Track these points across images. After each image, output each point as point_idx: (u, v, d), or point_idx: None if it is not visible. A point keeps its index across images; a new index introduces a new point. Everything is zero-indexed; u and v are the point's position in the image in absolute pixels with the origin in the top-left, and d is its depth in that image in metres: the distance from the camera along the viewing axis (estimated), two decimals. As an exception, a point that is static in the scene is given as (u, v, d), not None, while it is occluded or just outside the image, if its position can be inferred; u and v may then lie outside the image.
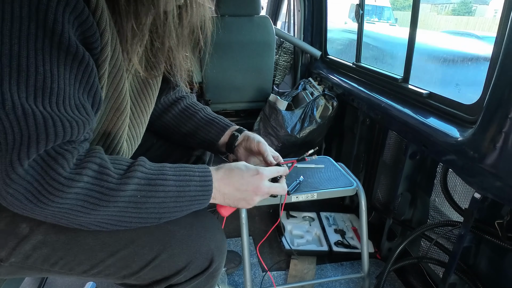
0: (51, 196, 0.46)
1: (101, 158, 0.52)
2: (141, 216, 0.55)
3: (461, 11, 6.40)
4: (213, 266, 0.68)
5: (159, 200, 0.55)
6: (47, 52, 0.44)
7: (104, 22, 0.50)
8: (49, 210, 0.48)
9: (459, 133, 1.02)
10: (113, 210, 0.52)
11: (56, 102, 0.46)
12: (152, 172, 0.56)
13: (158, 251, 0.63)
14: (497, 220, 0.95)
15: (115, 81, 0.58)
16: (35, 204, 0.46)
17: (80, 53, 0.47)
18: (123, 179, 0.52)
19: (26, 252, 0.59)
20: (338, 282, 1.37)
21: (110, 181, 0.51)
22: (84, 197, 0.49)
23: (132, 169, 0.54)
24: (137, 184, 0.53)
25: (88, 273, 0.63)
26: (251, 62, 1.96)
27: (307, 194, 1.06)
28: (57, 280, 1.32)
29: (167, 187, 0.56)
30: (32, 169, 0.45)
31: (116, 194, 0.51)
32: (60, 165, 0.47)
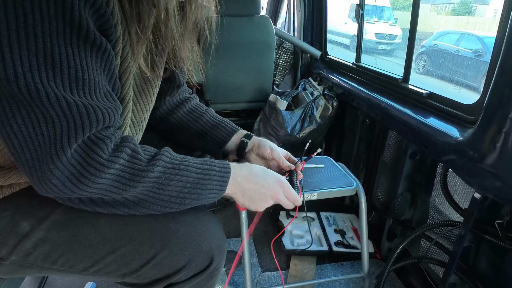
0: (92, 176, 0.51)
1: (134, 144, 0.57)
2: (163, 198, 0.59)
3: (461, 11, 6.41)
4: (213, 265, 0.68)
5: (181, 184, 0.60)
6: (75, 46, 0.48)
7: (116, 17, 0.53)
8: (87, 190, 0.52)
9: (459, 133, 1.02)
10: (142, 189, 0.57)
11: (89, 92, 0.51)
12: (177, 159, 0.61)
13: (159, 249, 0.63)
14: (497, 220, 0.95)
15: (123, 77, 0.60)
16: (76, 185, 0.51)
17: (103, 44, 0.51)
18: (152, 161, 0.57)
19: (26, 250, 0.60)
20: (338, 282, 1.37)
21: (140, 164, 0.56)
22: (118, 177, 0.54)
23: (159, 154, 0.59)
24: (163, 167, 0.58)
25: (89, 270, 0.63)
26: (251, 62, 1.96)
27: (307, 194, 1.06)
28: (57, 280, 1.32)
29: (189, 172, 0.61)
30: (76, 153, 0.50)
31: (145, 174, 0.56)
32: (101, 149, 0.52)
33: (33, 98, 0.46)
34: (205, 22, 0.71)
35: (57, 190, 0.51)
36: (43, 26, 0.45)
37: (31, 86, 0.46)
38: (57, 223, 0.60)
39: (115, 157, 0.53)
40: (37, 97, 0.46)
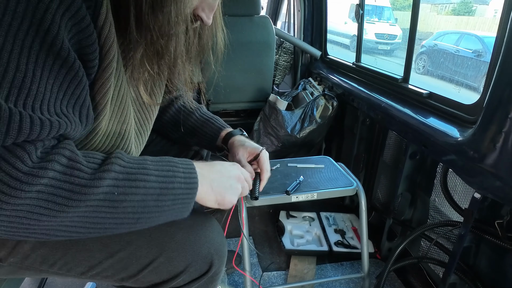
0: (6, 197, 0.39)
1: (71, 150, 0.45)
2: (117, 217, 0.48)
3: (461, 11, 6.41)
4: (213, 270, 0.67)
5: (138, 198, 0.49)
6: (35, 51, 0.40)
7: (112, 38, 0.48)
8: (1, 215, 0.40)
9: (459, 133, 1.02)
10: (85, 210, 0.45)
11: (32, 104, 0.41)
12: (132, 166, 0.50)
13: (156, 254, 0.62)
14: (497, 220, 0.95)
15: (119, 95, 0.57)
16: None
17: (70, 60, 0.43)
18: (98, 173, 0.46)
19: (25, 252, 0.59)
20: (338, 282, 1.37)
21: (82, 177, 0.44)
22: (49, 196, 0.42)
23: (108, 162, 0.48)
24: (114, 179, 0.47)
25: (87, 274, 0.63)
26: (251, 62, 1.96)
27: (307, 194, 1.06)
28: (57, 280, 1.32)
29: (148, 182, 0.50)
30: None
31: (89, 191, 0.44)
32: (19, 158, 0.40)
33: None
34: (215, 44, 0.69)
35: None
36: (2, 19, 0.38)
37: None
38: None
39: (40, 169, 0.41)
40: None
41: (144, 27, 0.51)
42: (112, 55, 0.50)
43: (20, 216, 0.41)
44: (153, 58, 0.57)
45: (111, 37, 0.49)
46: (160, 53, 0.56)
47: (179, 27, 0.54)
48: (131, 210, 0.49)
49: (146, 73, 0.58)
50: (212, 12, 0.60)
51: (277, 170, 1.20)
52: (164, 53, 0.57)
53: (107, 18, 0.47)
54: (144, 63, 0.56)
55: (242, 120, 2.17)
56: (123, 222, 0.50)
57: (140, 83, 0.59)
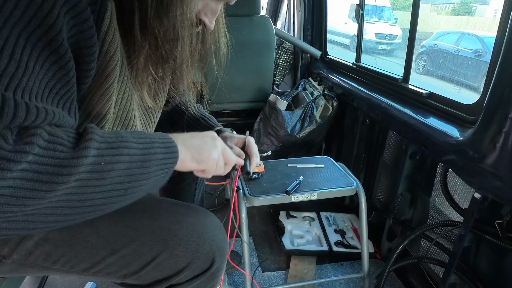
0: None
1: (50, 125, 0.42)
2: (106, 190, 0.46)
3: (461, 11, 6.41)
4: (215, 267, 0.68)
5: (124, 166, 0.47)
6: (31, 43, 0.39)
7: (116, 43, 0.48)
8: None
9: (459, 133, 1.02)
10: (73, 185, 0.42)
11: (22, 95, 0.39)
12: (109, 135, 0.48)
13: (159, 251, 0.63)
14: (497, 220, 0.95)
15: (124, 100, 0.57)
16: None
17: (65, 59, 0.42)
18: (81, 143, 0.43)
19: (28, 249, 0.60)
20: (338, 282, 1.37)
21: (66, 151, 0.42)
22: (34, 174, 0.39)
23: (87, 133, 0.45)
24: (97, 148, 0.44)
25: (89, 271, 0.63)
26: (251, 62, 1.96)
27: (307, 194, 1.06)
28: (57, 279, 1.32)
29: (131, 149, 0.48)
30: None
31: (75, 162, 0.41)
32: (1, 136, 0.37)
33: None
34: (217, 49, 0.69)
35: None
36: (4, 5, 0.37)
37: None
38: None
39: (24, 145, 0.38)
40: None
41: (149, 31, 0.51)
42: (116, 61, 0.50)
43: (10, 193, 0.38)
44: (157, 62, 0.56)
45: (115, 42, 0.49)
46: (164, 58, 0.56)
47: (184, 32, 0.54)
48: (119, 180, 0.47)
49: (150, 77, 0.58)
50: (214, 16, 0.60)
51: (277, 170, 1.20)
52: (168, 58, 0.56)
53: (112, 23, 0.47)
54: (148, 67, 0.56)
55: (242, 120, 2.16)
56: (112, 195, 0.47)
57: (144, 87, 0.59)
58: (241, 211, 1.05)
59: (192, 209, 0.70)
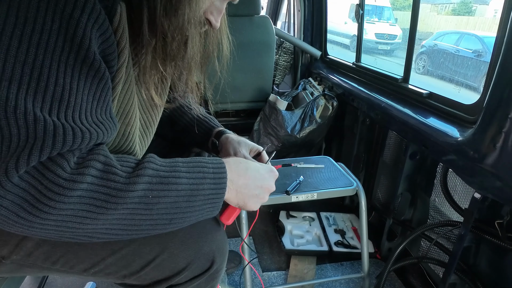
0: (52, 202, 0.42)
1: (105, 155, 0.48)
2: (152, 218, 0.51)
3: (461, 11, 6.41)
4: (214, 267, 0.67)
5: (171, 199, 0.51)
6: (70, 65, 0.43)
7: (124, 41, 0.50)
8: (50, 220, 0.43)
9: (459, 133, 1.02)
10: (122, 212, 0.47)
11: (72, 115, 0.44)
12: (164, 169, 0.52)
13: (159, 251, 0.63)
14: (497, 220, 0.95)
15: (126, 97, 0.57)
16: (33, 214, 0.42)
17: (102, 70, 0.47)
18: (132, 177, 0.48)
19: (27, 250, 0.60)
20: (338, 282, 1.37)
21: (118, 180, 0.47)
22: (89, 200, 0.45)
23: (141, 167, 0.50)
24: (148, 183, 0.49)
25: (89, 271, 0.63)
26: (251, 62, 1.96)
27: (307, 194, 1.06)
28: (57, 279, 1.32)
29: (180, 185, 0.52)
30: (28, 175, 0.42)
31: (125, 194, 0.47)
32: (59, 165, 0.43)
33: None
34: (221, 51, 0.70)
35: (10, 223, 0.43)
36: (40, 38, 0.41)
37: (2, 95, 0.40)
38: None
39: (79, 175, 0.44)
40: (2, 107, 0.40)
41: (158, 29, 0.52)
42: (123, 60, 0.51)
43: (66, 220, 0.44)
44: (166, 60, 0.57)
45: (122, 43, 0.50)
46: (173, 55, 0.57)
47: (192, 30, 0.55)
48: (165, 211, 0.51)
49: (158, 75, 0.59)
50: (220, 15, 0.61)
51: (277, 170, 1.20)
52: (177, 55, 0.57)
53: (120, 25, 0.48)
54: (157, 65, 0.56)
55: (242, 120, 2.16)
56: (157, 223, 0.52)
57: (152, 84, 0.59)
58: (241, 211, 1.05)
59: None
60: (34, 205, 0.42)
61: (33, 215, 0.42)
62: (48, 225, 0.44)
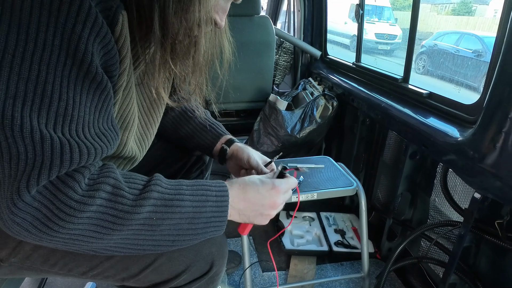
0: (62, 222, 0.44)
1: (115, 178, 0.49)
2: (155, 239, 0.52)
3: (461, 11, 6.41)
4: (214, 270, 0.67)
5: (174, 221, 0.52)
6: (73, 80, 0.44)
7: (125, 50, 0.50)
8: (59, 237, 0.45)
9: (459, 133, 1.02)
10: (127, 233, 0.49)
11: (76, 129, 0.45)
12: (169, 191, 0.53)
13: (158, 254, 0.62)
14: (497, 220, 0.95)
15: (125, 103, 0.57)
16: (44, 232, 0.44)
17: (104, 82, 0.47)
18: (139, 200, 0.49)
19: (26, 252, 0.59)
20: (338, 282, 1.37)
21: (125, 203, 0.48)
22: (97, 221, 0.46)
23: (147, 189, 0.51)
24: (153, 205, 0.50)
25: (87, 274, 0.63)
26: (251, 62, 1.96)
27: (307, 194, 1.06)
28: (57, 280, 1.32)
29: (184, 208, 0.53)
30: (40, 195, 0.43)
31: (131, 217, 0.48)
32: (71, 187, 0.44)
33: (5, 126, 0.41)
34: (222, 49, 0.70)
35: (22, 236, 0.45)
36: (43, 54, 0.42)
37: (7, 113, 0.41)
38: None
39: (89, 198, 0.45)
40: (8, 126, 0.41)
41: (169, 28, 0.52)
42: (124, 67, 0.51)
43: (73, 239, 0.46)
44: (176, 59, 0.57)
45: (124, 51, 0.50)
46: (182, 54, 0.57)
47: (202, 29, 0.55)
48: (167, 232, 0.52)
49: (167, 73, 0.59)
50: (225, 14, 0.61)
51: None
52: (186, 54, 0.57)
53: (122, 34, 0.49)
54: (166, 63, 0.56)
55: (242, 120, 2.16)
56: (160, 244, 0.53)
57: (160, 83, 0.59)
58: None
59: None
60: (45, 224, 0.44)
61: (43, 232, 0.44)
62: (56, 241, 0.46)
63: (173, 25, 0.51)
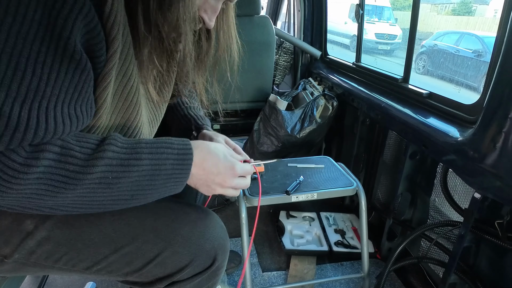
0: (8, 184, 0.44)
1: (62, 139, 0.49)
2: (113, 195, 0.52)
3: (461, 11, 6.41)
4: (216, 264, 0.68)
5: (132, 179, 0.53)
6: (50, 56, 0.43)
7: (116, 29, 0.49)
8: (9, 196, 0.46)
9: (459, 133, 1.02)
10: (82, 191, 0.49)
11: (47, 106, 0.45)
12: (125, 151, 0.53)
13: (162, 249, 0.63)
14: (497, 220, 0.95)
15: (125, 91, 0.56)
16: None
17: (83, 61, 0.46)
18: (91, 160, 0.49)
19: (30, 248, 0.60)
20: (338, 282, 1.37)
21: (76, 163, 0.48)
22: (48, 181, 0.47)
23: (101, 149, 0.50)
24: (107, 165, 0.50)
25: (91, 269, 0.64)
26: (251, 62, 1.96)
27: (307, 194, 1.06)
28: (57, 279, 1.32)
29: (141, 166, 0.53)
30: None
31: (83, 176, 0.48)
32: (13, 150, 0.44)
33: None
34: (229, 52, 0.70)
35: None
36: (21, 28, 0.41)
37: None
38: (60, 222, 0.60)
39: (34, 159, 0.45)
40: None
41: (152, 24, 0.52)
42: (116, 48, 0.50)
43: (26, 197, 0.47)
44: (162, 55, 0.57)
45: (114, 30, 0.49)
46: (169, 51, 0.57)
47: (186, 26, 0.55)
48: (126, 189, 0.53)
49: (155, 70, 0.59)
50: (214, 14, 0.61)
51: (277, 170, 1.20)
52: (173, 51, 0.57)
53: (112, 12, 0.48)
54: (153, 60, 0.56)
55: (242, 120, 2.17)
56: (119, 198, 0.54)
57: (149, 79, 0.59)
58: (241, 211, 1.05)
59: (195, 208, 0.70)
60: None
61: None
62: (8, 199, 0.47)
63: (156, 22, 0.52)
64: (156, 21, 0.52)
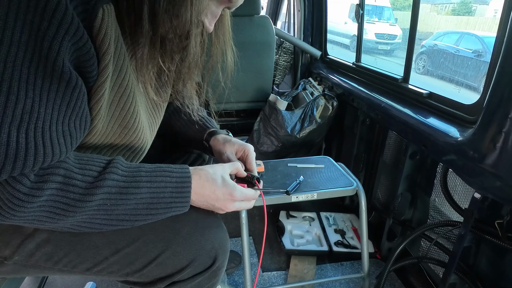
0: (12, 211, 0.47)
1: (65, 168, 0.50)
2: (112, 219, 0.55)
3: (461, 11, 6.41)
4: (216, 264, 0.68)
5: (130, 207, 0.55)
6: (40, 77, 0.44)
7: (107, 44, 0.49)
8: (14, 220, 0.49)
9: (459, 133, 1.02)
10: (82, 217, 0.52)
11: (42, 127, 0.45)
12: (125, 179, 0.55)
13: (162, 249, 0.63)
14: (497, 220, 0.95)
15: (121, 101, 0.57)
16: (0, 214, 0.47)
17: (73, 79, 0.47)
18: (91, 189, 0.51)
19: (30, 250, 0.60)
20: (338, 282, 1.37)
21: (77, 192, 0.50)
22: (49, 208, 0.49)
23: (101, 178, 0.52)
24: (106, 193, 0.52)
25: (91, 270, 0.64)
26: (251, 62, 1.96)
27: (307, 194, 1.06)
28: (57, 280, 1.32)
29: (139, 194, 0.55)
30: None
31: (83, 204, 0.51)
32: (18, 180, 0.46)
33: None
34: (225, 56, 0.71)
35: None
36: (9, 51, 0.41)
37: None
38: None
39: (38, 190, 0.47)
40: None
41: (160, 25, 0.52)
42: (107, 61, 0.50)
43: (29, 221, 0.50)
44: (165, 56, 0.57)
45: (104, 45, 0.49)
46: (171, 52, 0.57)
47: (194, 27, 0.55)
48: (124, 216, 0.55)
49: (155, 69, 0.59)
50: (214, 19, 0.61)
51: (277, 170, 1.20)
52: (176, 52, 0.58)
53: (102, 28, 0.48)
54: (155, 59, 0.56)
55: (242, 120, 2.16)
56: (118, 224, 0.56)
57: (148, 79, 0.59)
58: (241, 211, 1.05)
59: (195, 208, 0.70)
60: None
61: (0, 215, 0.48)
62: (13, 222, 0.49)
63: (163, 23, 0.52)
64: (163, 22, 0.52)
